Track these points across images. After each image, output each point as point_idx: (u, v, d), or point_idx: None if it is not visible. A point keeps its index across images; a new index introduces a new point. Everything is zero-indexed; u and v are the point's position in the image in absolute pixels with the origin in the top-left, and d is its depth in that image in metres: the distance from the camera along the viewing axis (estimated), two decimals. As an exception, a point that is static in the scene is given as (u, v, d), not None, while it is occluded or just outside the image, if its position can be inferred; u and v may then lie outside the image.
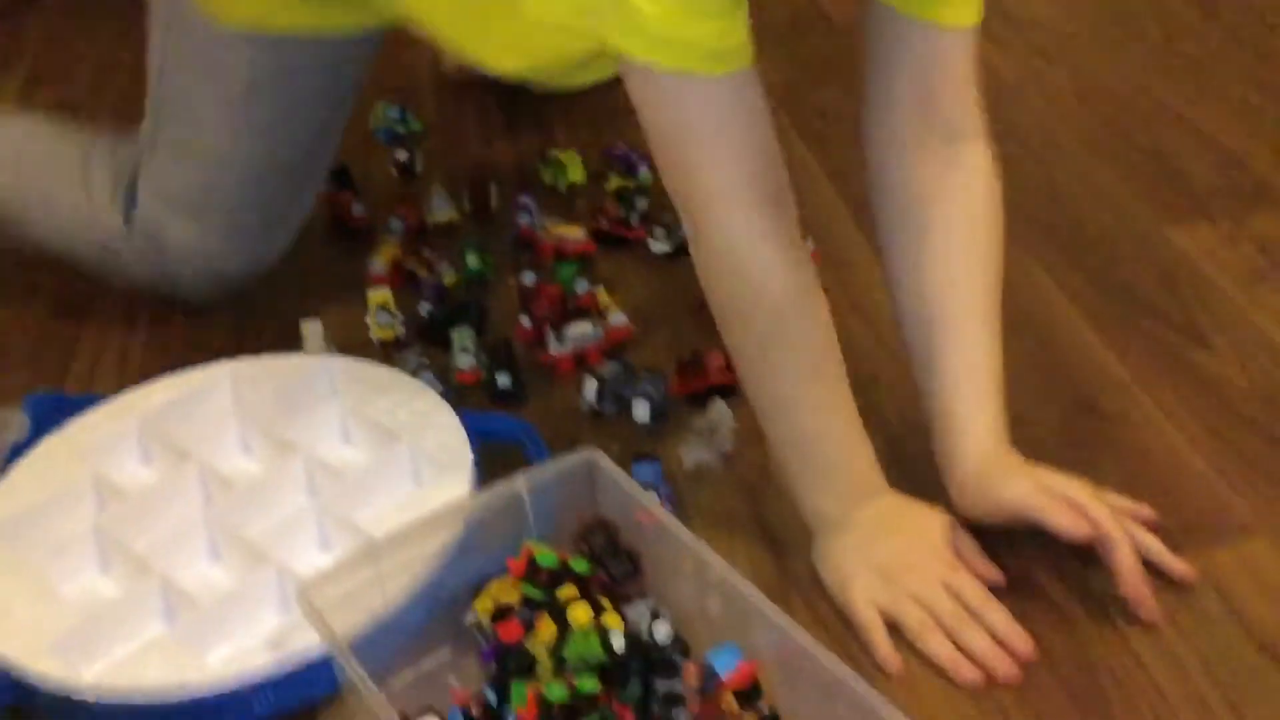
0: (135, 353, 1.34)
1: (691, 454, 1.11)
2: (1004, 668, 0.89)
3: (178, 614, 0.96)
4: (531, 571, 0.92)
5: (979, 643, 0.90)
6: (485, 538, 0.95)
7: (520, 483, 0.94)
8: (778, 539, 1.03)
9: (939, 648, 0.90)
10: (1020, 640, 0.90)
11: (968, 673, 0.89)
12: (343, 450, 1.13)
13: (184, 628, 0.94)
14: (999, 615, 0.91)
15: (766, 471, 1.10)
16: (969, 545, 0.96)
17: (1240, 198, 1.40)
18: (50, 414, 1.16)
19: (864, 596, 0.94)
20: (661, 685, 0.86)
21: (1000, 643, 0.90)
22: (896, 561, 0.94)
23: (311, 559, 1.02)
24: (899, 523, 0.97)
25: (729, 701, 0.82)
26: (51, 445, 1.12)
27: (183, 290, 1.34)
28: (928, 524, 0.97)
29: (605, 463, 0.95)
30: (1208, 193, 1.42)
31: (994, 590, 0.94)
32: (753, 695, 0.82)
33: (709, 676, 0.83)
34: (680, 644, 0.89)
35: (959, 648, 0.90)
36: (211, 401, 1.17)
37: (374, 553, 0.90)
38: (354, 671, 0.80)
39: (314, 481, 1.07)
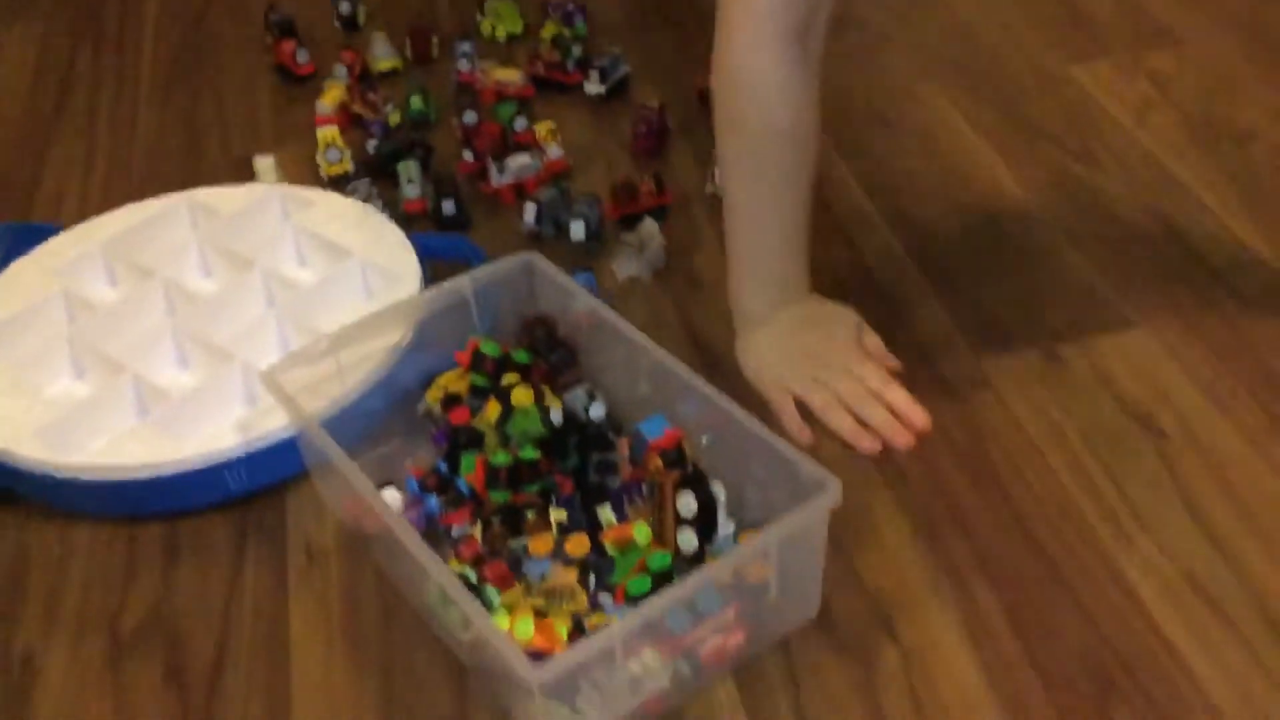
0: (94, 191, 1.39)
1: (624, 267, 1.19)
2: (900, 438, 0.99)
3: (151, 408, 1.03)
4: (477, 362, 1.00)
5: (878, 416, 1.00)
6: (433, 336, 1.04)
7: (465, 283, 1.02)
8: (704, 343, 1.12)
9: (841, 421, 1.00)
10: (916, 415, 1.00)
11: (868, 443, 0.99)
12: (298, 269, 1.20)
13: (158, 418, 1.02)
14: (897, 394, 1.01)
15: (694, 283, 1.19)
16: (874, 340, 1.06)
17: (1139, 37, 1.49)
18: (16, 242, 1.23)
19: (777, 383, 1.03)
20: (596, 456, 0.95)
21: (898, 417, 1.00)
22: (807, 352, 1.04)
23: (274, 359, 1.09)
24: (812, 320, 1.06)
25: (656, 463, 0.91)
26: (20, 267, 1.19)
27: None
28: (837, 320, 1.06)
29: (543, 264, 1.03)
30: (1109, 33, 1.51)
31: (896, 377, 1.04)
32: (678, 457, 0.91)
33: (638, 445, 0.92)
34: (614, 423, 0.98)
35: (861, 423, 1.00)
36: (171, 227, 1.23)
37: (333, 342, 0.98)
38: (324, 442, 0.88)
39: (272, 293, 1.14)
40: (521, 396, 0.96)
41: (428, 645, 0.88)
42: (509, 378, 0.99)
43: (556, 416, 0.95)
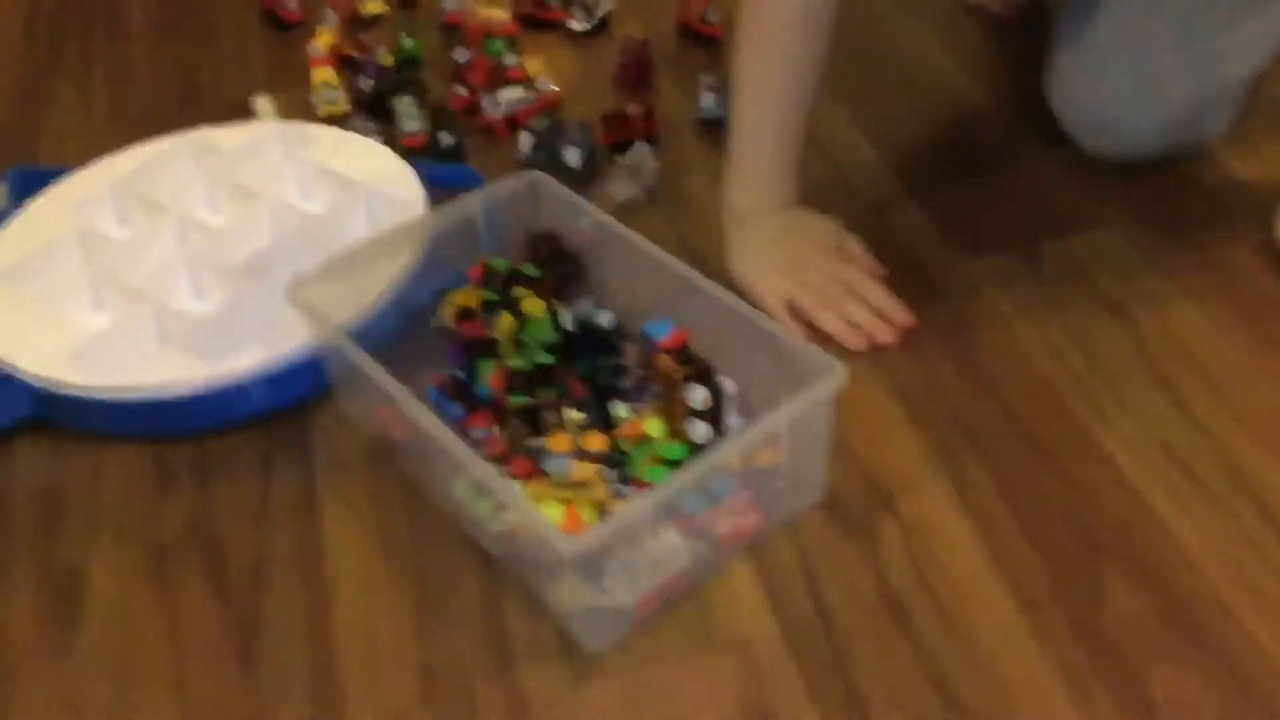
0: (98, 134, 1.42)
1: (620, 189, 1.23)
2: (883, 334, 1.05)
3: (173, 334, 1.07)
4: (488, 277, 1.05)
5: (862, 314, 1.06)
6: (443, 255, 1.08)
7: (473, 202, 1.07)
8: (699, 257, 1.15)
9: (828, 320, 1.06)
10: (898, 312, 1.07)
11: (853, 338, 1.05)
12: (304, 201, 1.24)
13: (182, 342, 1.06)
14: (879, 294, 1.07)
15: (686, 204, 1.23)
16: (857, 246, 1.12)
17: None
18: (28, 185, 1.26)
19: (767, 287, 1.09)
20: (606, 359, 1.00)
21: (882, 315, 1.06)
22: (794, 258, 1.10)
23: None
24: (797, 228, 1.12)
25: (665, 362, 0.96)
26: (35, 208, 1.22)
27: None
28: (821, 229, 1.13)
29: (547, 182, 1.08)
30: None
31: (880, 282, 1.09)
32: (686, 357, 0.96)
33: (646, 345, 0.97)
34: (621, 331, 1.03)
35: (847, 322, 1.06)
36: (177, 165, 1.26)
37: (351, 259, 1.02)
38: (351, 351, 0.92)
39: (281, 224, 1.18)
40: (532, 306, 1.00)
41: (456, 540, 0.93)
42: (519, 290, 1.03)
43: (567, 321, 1.00)
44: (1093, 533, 0.89)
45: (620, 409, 0.95)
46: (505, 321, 1.01)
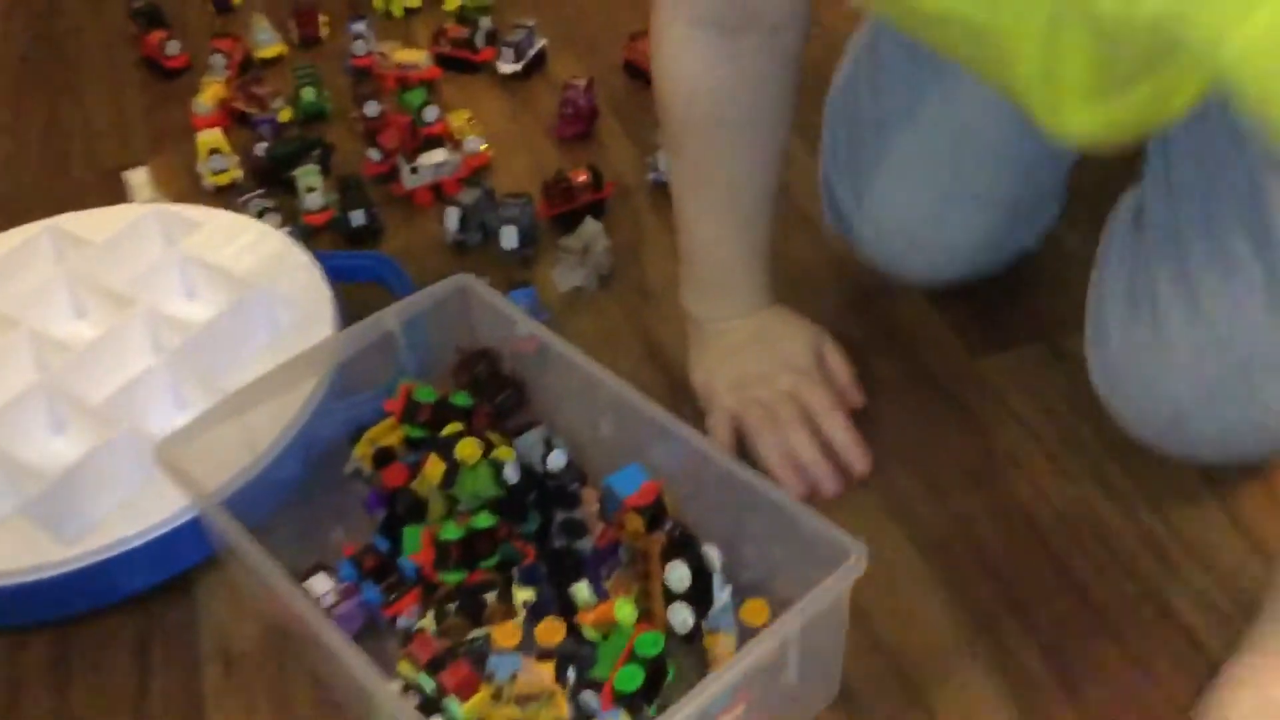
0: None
1: (566, 277, 1.04)
2: (828, 483, 0.86)
3: (22, 490, 0.87)
4: (410, 411, 0.85)
5: (809, 451, 0.87)
6: (356, 381, 0.88)
7: (390, 317, 0.87)
8: (663, 357, 0.98)
9: (768, 451, 0.87)
10: (855, 455, 0.87)
11: (790, 479, 0.86)
12: (187, 304, 1.04)
13: (32, 505, 0.85)
14: (840, 428, 0.88)
15: (646, 292, 1.04)
16: (837, 360, 0.92)
17: None
18: None
19: (716, 399, 0.90)
20: (561, 515, 0.81)
21: (837, 456, 0.87)
22: (752, 370, 0.91)
23: (168, 421, 0.93)
24: (765, 335, 0.93)
25: (634, 522, 0.77)
26: None
27: None
28: (793, 337, 0.93)
29: (479, 288, 0.88)
30: None
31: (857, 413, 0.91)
32: (658, 514, 0.77)
33: (610, 500, 0.78)
34: (576, 471, 0.83)
35: (790, 457, 0.87)
36: (33, 262, 1.05)
37: (238, 404, 0.82)
38: (225, 525, 0.73)
39: (159, 338, 0.98)
40: (467, 451, 0.81)
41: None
42: (450, 428, 0.84)
43: (511, 473, 0.80)
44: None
45: (583, 589, 0.76)
46: (433, 470, 0.81)
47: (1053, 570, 0.80)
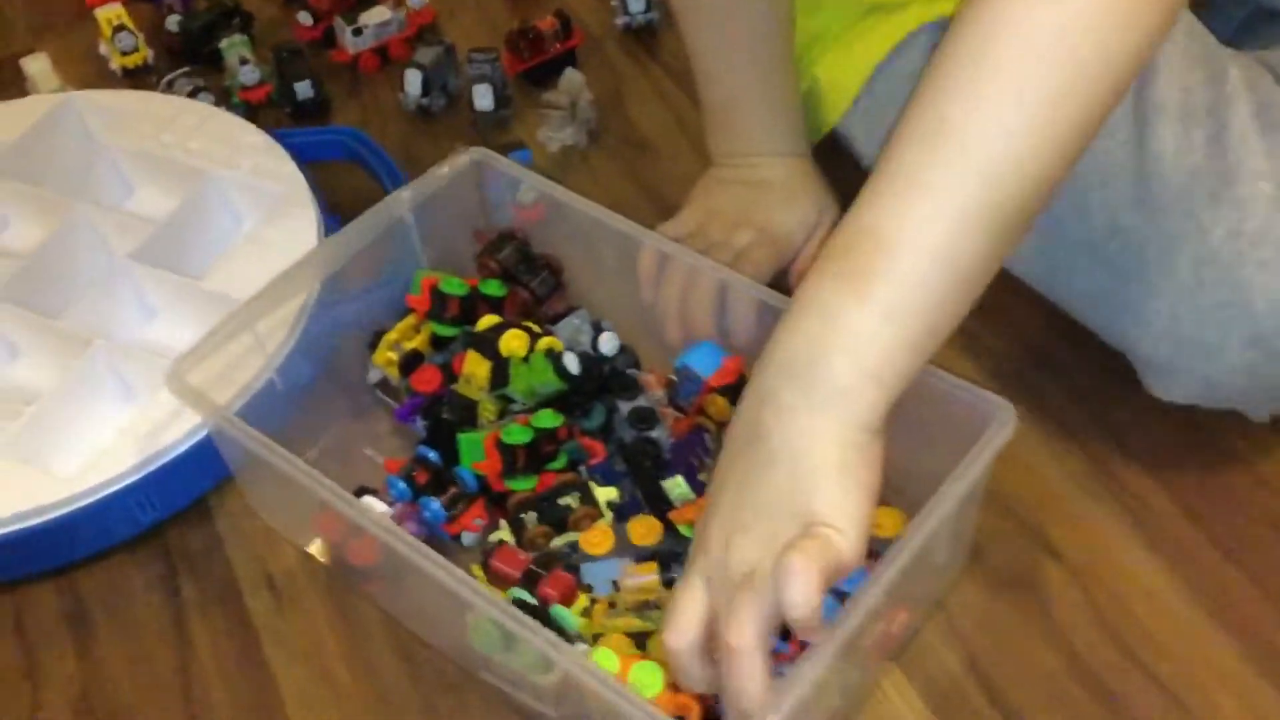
0: None
1: (555, 135, 0.92)
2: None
3: (-2, 429, 0.74)
4: (438, 306, 0.74)
5: (699, 320, 0.72)
6: (363, 277, 0.76)
7: (400, 202, 0.74)
8: (671, 204, 0.87)
9: (665, 292, 0.73)
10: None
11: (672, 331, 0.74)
12: (135, 201, 0.89)
13: (13, 442, 0.72)
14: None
15: (640, 144, 0.94)
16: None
17: None
18: None
19: (678, 217, 0.81)
20: (624, 405, 0.71)
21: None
22: (728, 208, 0.80)
23: (138, 331, 0.81)
24: (768, 184, 0.80)
25: (718, 405, 0.68)
26: None
27: None
28: (793, 200, 0.80)
29: (497, 161, 0.76)
30: None
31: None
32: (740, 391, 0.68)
33: (687, 383, 0.69)
34: (630, 355, 0.74)
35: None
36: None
37: (247, 315, 0.69)
38: (263, 447, 0.62)
39: (111, 240, 0.84)
40: (515, 344, 0.70)
41: (486, 695, 0.64)
42: (486, 320, 0.73)
43: (572, 363, 0.70)
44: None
45: (680, 485, 0.67)
46: (477, 368, 0.71)
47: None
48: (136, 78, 1.03)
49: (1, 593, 0.72)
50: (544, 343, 0.71)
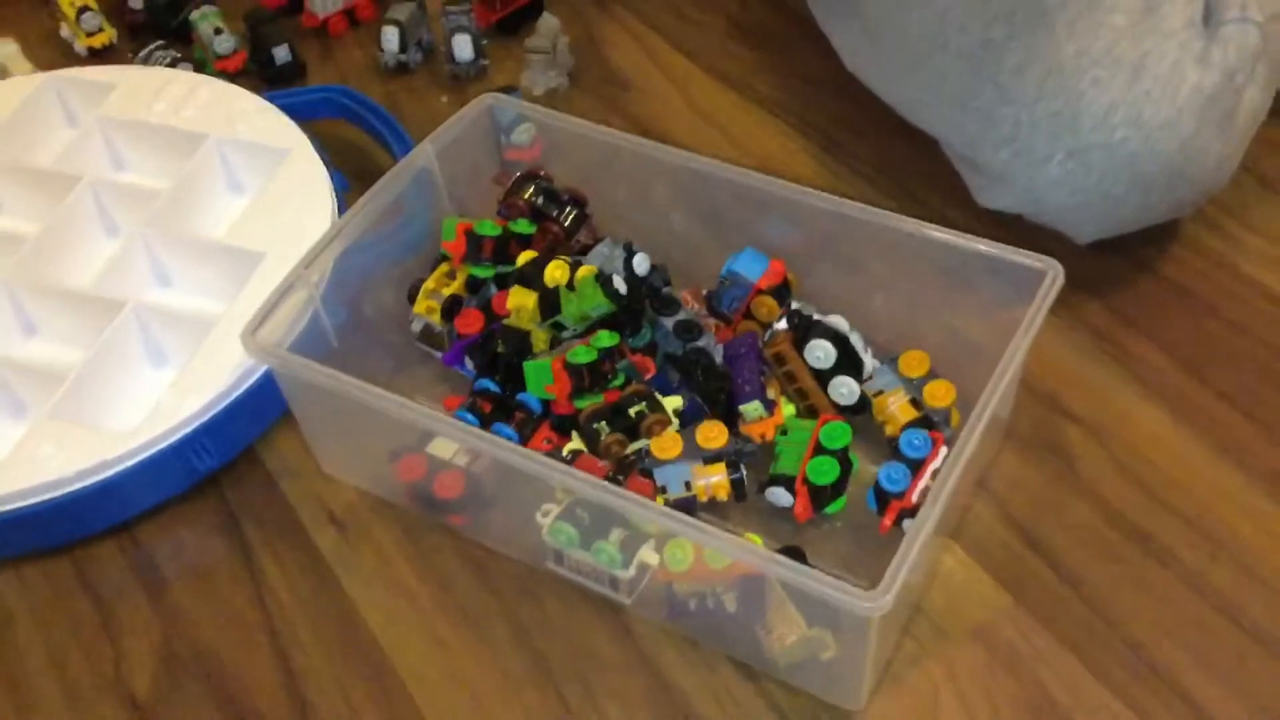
0: None
1: (540, 79, 0.93)
2: None
3: (34, 403, 0.72)
4: (475, 249, 0.74)
5: None
6: (380, 226, 0.75)
7: (424, 152, 0.74)
8: (657, 134, 0.89)
9: None
10: None
11: None
12: (133, 173, 0.87)
13: (58, 407, 0.70)
14: None
15: (621, 82, 0.95)
16: None
17: None
18: None
19: None
20: (667, 321, 0.73)
21: None
22: None
23: (158, 297, 0.79)
24: None
25: (767, 305, 0.70)
26: None
27: None
28: None
29: (508, 103, 0.76)
30: None
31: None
32: (785, 292, 0.71)
33: (735, 287, 0.71)
34: (663, 273, 0.75)
35: None
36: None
37: (303, 275, 0.69)
38: (371, 397, 0.62)
39: (113, 214, 0.82)
40: (559, 273, 0.71)
41: (559, 593, 0.66)
42: (525, 255, 0.73)
43: (620, 284, 0.71)
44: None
45: (755, 407, 0.68)
46: (525, 300, 0.71)
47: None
48: (103, 57, 1.00)
49: (62, 555, 0.70)
50: (583, 270, 0.72)
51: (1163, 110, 0.69)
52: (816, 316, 0.69)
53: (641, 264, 0.74)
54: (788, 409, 0.69)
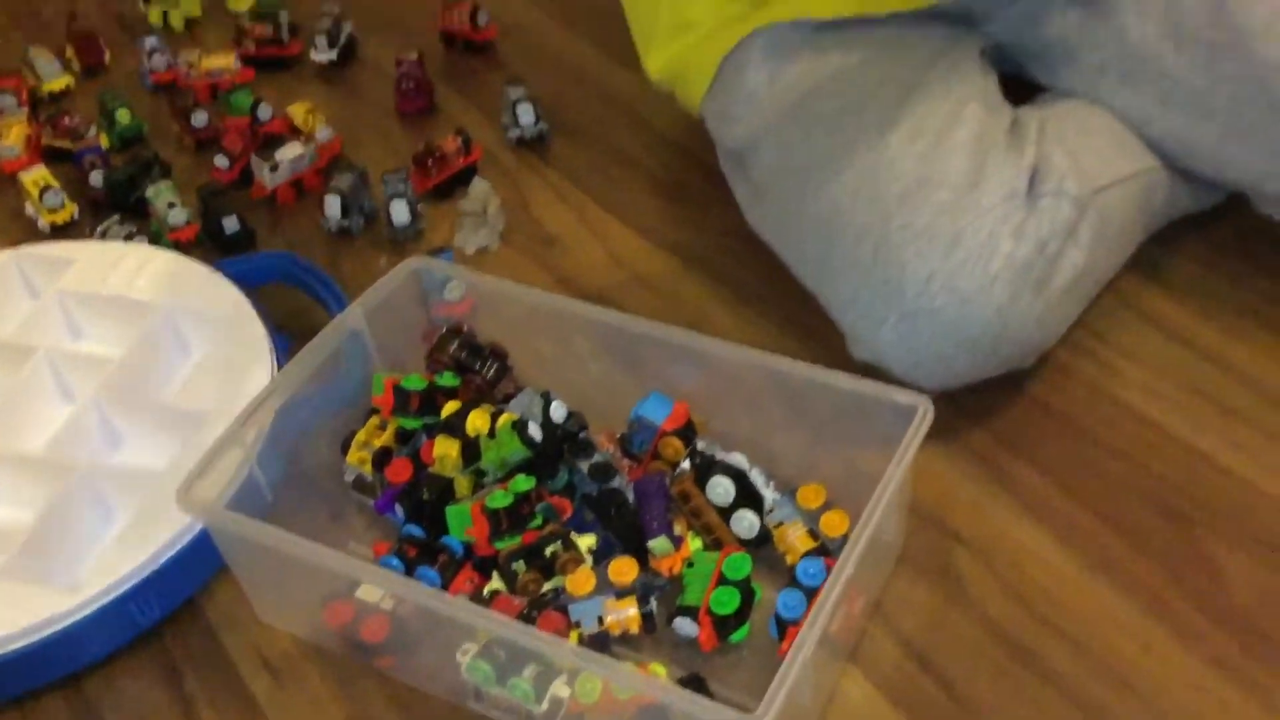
0: None
1: (471, 239, 0.97)
2: None
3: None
4: (402, 402, 0.78)
5: None
6: (315, 383, 0.78)
7: (354, 315, 0.78)
8: (584, 291, 0.93)
9: None
10: None
11: None
12: (86, 342, 0.91)
13: (10, 567, 0.73)
14: None
15: (548, 240, 0.99)
16: None
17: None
18: None
19: None
20: (583, 464, 0.76)
21: None
22: None
23: (108, 458, 0.82)
24: None
25: (673, 446, 0.74)
26: None
27: None
28: None
29: (434, 265, 0.81)
30: None
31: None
32: (689, 433, 0.74)
33: (642, 431, 0.74)
34: (579, 418, 0.78)
35: None
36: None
37: (238, 432, 0.72)
38: (279, 541, 0.65)
39: (68, 381, 0.86)
40: (480, 422, 0.74)
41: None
42: (450, 406, 0.77)
43: (535, 431, 0.74)
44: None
45: (663, 542, 0.71)
46: (448, 449, 0.74)
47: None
48: (65, 232, 1.04)
49: (11, 708, 0.72)
50: (504, 418, 0.75)
51: (976, 278, 0.74)
52: (719, 455, 0.73)
53: (558, 411, 0.77)
54: (695, 543, 0.72)
